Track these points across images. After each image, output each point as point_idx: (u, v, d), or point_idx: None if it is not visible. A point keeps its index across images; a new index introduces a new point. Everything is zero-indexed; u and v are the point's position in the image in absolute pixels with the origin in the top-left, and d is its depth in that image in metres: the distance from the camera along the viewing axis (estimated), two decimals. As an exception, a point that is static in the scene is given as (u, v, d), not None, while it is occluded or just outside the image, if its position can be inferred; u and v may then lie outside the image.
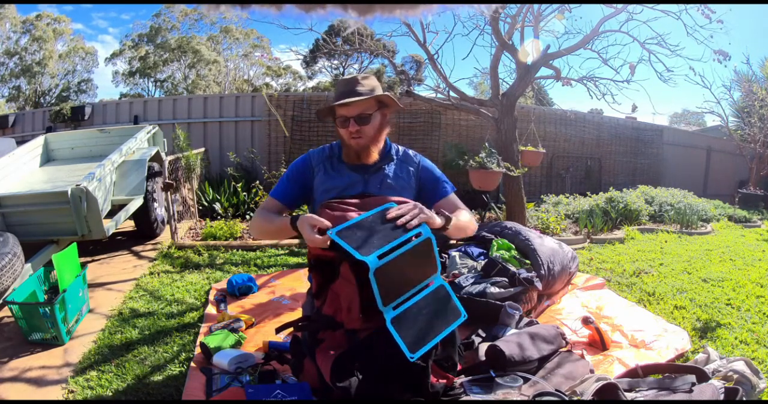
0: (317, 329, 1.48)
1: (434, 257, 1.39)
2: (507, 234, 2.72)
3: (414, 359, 1.26)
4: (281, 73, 24.58)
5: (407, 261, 1.34)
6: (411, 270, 1.36)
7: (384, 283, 1.29)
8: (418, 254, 1.36)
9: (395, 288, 1.32)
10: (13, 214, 2.77)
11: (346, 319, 1.42)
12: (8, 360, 1.88)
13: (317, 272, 1.53)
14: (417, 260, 1.37)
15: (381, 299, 1.28)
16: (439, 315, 1.36)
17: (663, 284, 2.91)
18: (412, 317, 1.32)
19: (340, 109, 1.58)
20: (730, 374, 1.51)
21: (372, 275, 1.27)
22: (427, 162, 1.79)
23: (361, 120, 1.57)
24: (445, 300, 1.39)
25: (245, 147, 6.37)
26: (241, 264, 3.23)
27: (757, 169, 8.82)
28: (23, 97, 20.59)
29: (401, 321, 1.30)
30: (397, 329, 1.28)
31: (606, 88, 4.10)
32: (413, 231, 1.36)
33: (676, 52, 3.78)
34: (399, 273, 1.33)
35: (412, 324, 1.31)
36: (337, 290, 1.44)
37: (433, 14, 1.18)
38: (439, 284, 1.40)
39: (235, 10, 0.60)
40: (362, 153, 1.61)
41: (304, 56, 20.71)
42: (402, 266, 1.33)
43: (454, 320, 1.37)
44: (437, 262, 1.39)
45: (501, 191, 5.40)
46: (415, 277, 1.36)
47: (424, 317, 1.34)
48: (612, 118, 8.22)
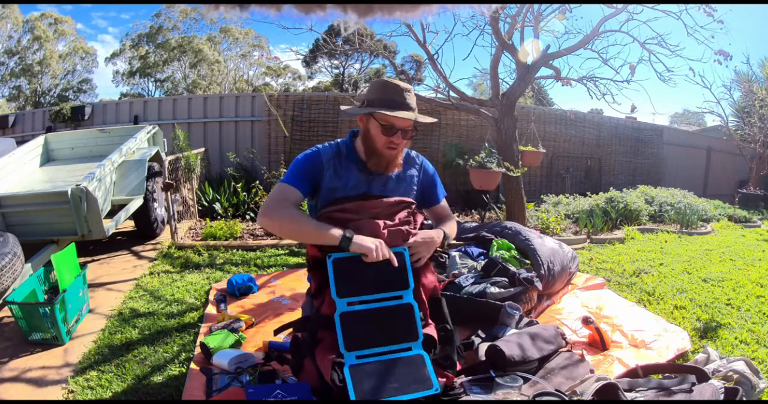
0: (316, 329, 1.48)
1: (416, 325, 1.42)
2: (507, 234, 2.73)
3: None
4: (281, 72, 24.57)
5: (383, 318, 1.41)
6: (386, 329, 1.41)
7: (350, 329, 1.37)
8: (396, 315, 1.42)
9: (363, 339, 1.38)
10: (13, 214, 2.77)
11: None
12: (8, 360, 1.88)
13: (316, 272, 1.56)
14: (395, 321, 1.42)
15: (343, 343, 1.36)
16: (407, 379, 1.35)
17: (663, 284, 2.91)
18: (375, 371, 1.35)
19: (391, 118, 1.52)
20: (730, 374, 1.51)
21: (336, 317, 1.37)
22: (428, 165, 1.80)
23: (406, 134, 1.56)
24: (419, 369, 1.38)
25: (245, 147, 6.37)
26: (241, 264, 3.23)
27: (757, 169, 8.82)
28: (23, 97, 20.59)
29: (360, 373, 1.33)
30: (354, 378, 1.31)
31: (606, 88, 4.10)
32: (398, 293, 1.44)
33: (676, 52, 3.78)
34: (370, 325, 1.39)
35: (371, 378, 1.33)
36: None
37: (433, 15, 1.18)
38: (418, 353, 1.41)
39: (235, 10, 0.60)
40: (391, 163, 1.60)
41: (304, 56, 20.71)
42: (375, 320, 1.40)
43: (423, 390, 1.33)
44: (419, 332, 1.42)
45: (501, 191, 5.40)
46: (390, 338, 1.40)
47: (388, 376, 1.35)
48: (612, 118, 8.22)
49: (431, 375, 1.37)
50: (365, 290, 1.43)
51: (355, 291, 1.42)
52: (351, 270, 1.43)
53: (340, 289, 1.41)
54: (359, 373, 1.33)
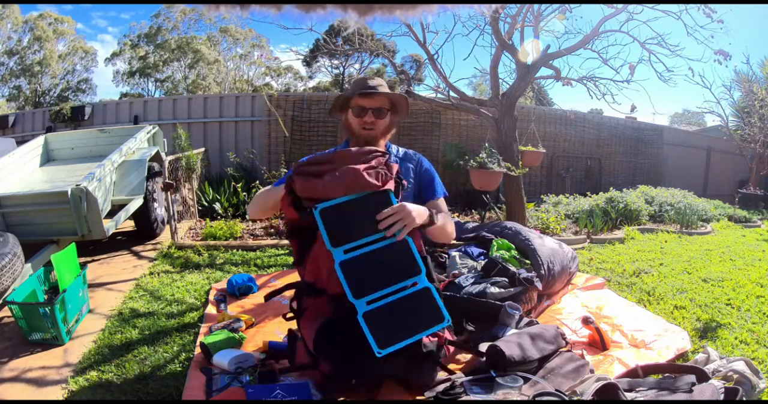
0: (301, 297, 1.51)
1: (414, 259, 1.40)
2: (507, 234, 2.72)
3: (381, 355, 1.28)
4: (281, 72, 24.58)
5: (382, 258, 1.38)
6: (387, 269, 1.39)
7: (353, 276, 1.34)
8: (394, 253, 1.40)
9: (368, 283, 1.35)
10: (13, 214, 2.77)
11: (327, 284, 1.44)
12: (8, 360, 1.88)
13: (295, 239, 1.56)
14: (394, 259, 1.40)
15: (350, 291, 1.33)
16: (419, 316, 1.36)
17: (663, 284, 2.91)
18: (387, 314, 1.34)
19: (359, 100, 1.67)
20: (730, 374, 1.51)
21: (337, 267, 1.33)
22: (426, 161, 1.84)
23: (378, 113, 1.68)
24: (428, 304, 1.38)
25: (245, 147, 6.37)
26: (241, 264, 3.23)
27: (757, 168, 8.82)
28: (23, 97, 20.59)
29: (374, 317, 1.32)
30: (369, 323, 1.31)
31: (606, 88, 4.10)
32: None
33: (676, 52, 3.78)
34: (372, 269, 1.37)
35: (385, 321, 1.33)
36: (316, 253, 1.47)
37: (433, 14, 1.19)
38: (424, 286, 1.40)
39: (235, 10, 0.60)
40: (370, 144, 1.68)
41: (304, 56, 20.71)
42: (375, 263, 1.37)
43: (435, 324, 1.36)
44: (419, 264, 1.40)
45: (501, 191, 5.40)
46: (394, 277, 1.38)
47: (401, 316, 1.35)
48: (612, 118, 8.23)
49: (442, 307, 1.38)
50: (359, 234, 1.38)
51: (349, 237, 1.37)
52: (340, 218, 1.38)
53: (334, 238, 1.36)
54: (372, 319, 1.32)
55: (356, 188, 1.39)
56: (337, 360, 1.38)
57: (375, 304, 1.34)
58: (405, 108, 1.76)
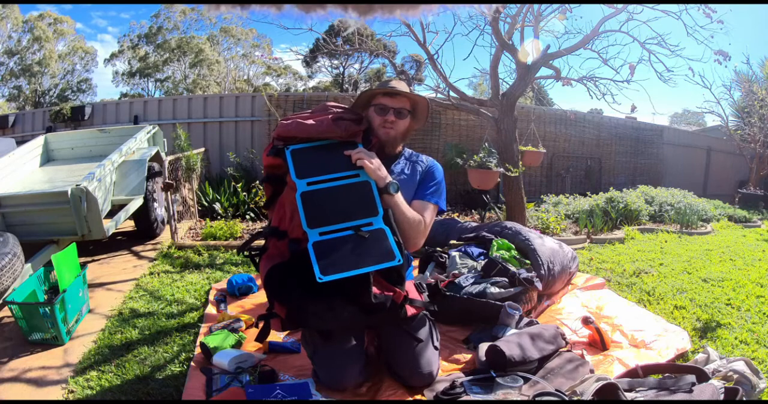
0: (265, 237, 1.57)
1: (373, 201, 1.47)
2: (507, 234, 2.72)
3: (322, 280, 1.33)
4: (282, 72, 24.58)
5: (341, 195, 1.46)
6: (344, 205, 1.46)
7: (311, 208, 1.42)
8: (353, 193, 1.47)
9: (324, 216, 1.43)
10: (13, 214, 2.77)
11: (289, 227, 1.51)
12: (8, 360, 1.88)
13: (269, 185, 1.66)
14: (352, 198, 1.47)
15: (306, 220, 1.41)
16: (369, 252, 1.40)
17: (663, 284, 2.91)
18: (336, 246, 1.39)
19: (383, 99, 1.70)
20: (730, 374, 1.51)
21: (298, 196, 1.43)
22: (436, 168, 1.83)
23: (399, 113, 1.70)
24: (380, 242, 1.42)
25: (245, 147, 6.37)
26: (241, 264, 3.23)
27: (757, 169, 8.82)
28: (23, 97, 20.60)
29: (323, 246, 1.39)
30: (317, 252, 1.37)
31: (606, 88, 4.09)
32: (353, 171, 1.49)
33: (676, 52, 3.77)
34: (330, 203, 1.45)
35: (333, 252, 1.38)
36: (283, 199, 1.55)
37: (433, 14, 1.19)
38: (379, 227, 1.44)
39: (236, 10, 0.60)
40: (387, 143, 1.71)
41: (304, 56, 20.71)
42: (334, 198, 1.46)
43: (385, 261, 1.39)
44: (377, 206, 1.46)
45: (501, 191, 5.40)
46: (349, 213, 1.45)
47: (350, 249, 1.39)
48: (612, 118, 8.22)
49: (393, 247, 1.41)
50: (324, 171, 1.48)
51: (314, 172, 1.48)
52: (308, 157, 1.50)
53: (300, 172, 1.47)
54: (322, 247, 1.38)
55: (321, 134, 1.51)
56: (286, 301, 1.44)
57: (326, 236, 1.40)
58: (425, 114, 1.79)
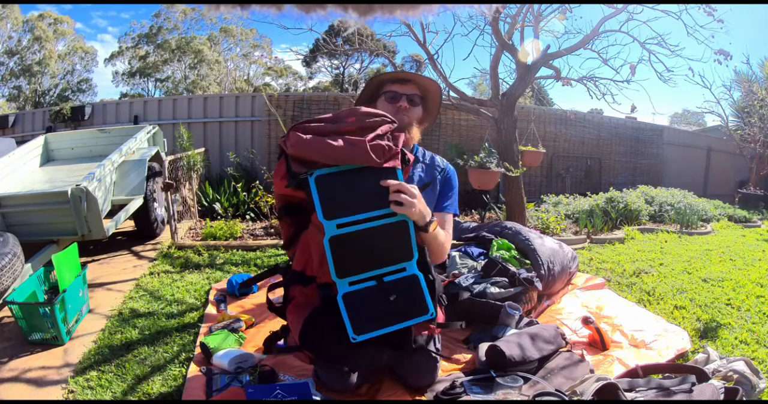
0: (288, 286, 1.40)
1: (410, 243, 1.30)
2: (507, 234, 2.72)
3: (356, 341, 1.23)
4: (282, 73, 24.57)
5: (375, 238, 1.27)
6: (378, 251, 1.28)
7: (341, 254, 1.23)
8: (389, 235, 1.28)
9: (355, 264, 1.26)
10: (13, 214, 2.77)
11: (318, 272, 1.33)
12: (8, 360, 1.88)
13: (287, 218, 1.42)
14: (387, 241, 1.29)
15: (334, 269, 1.23)
16: (401, 305, 1.28)
17: (663, 284, 2.91)
18: (368, 298, 1.26)
19: (393, 86, 1.62)
20: (730, 374, 1.51)
21: (326, 241, 1.22)
22: (453, 175, 1.76)
23: (411, 100, 1.61)
24: (414, 293, 1.30)
25: (245, 147, 6.37)
26: (241, 264, 3.23)
27: (757, 168, 8.82)
28: (23, 97, 20.59)
29: (353, 300, 1.25)
30: (348, 305, 1.24)
31: (606, 88, 4.10)
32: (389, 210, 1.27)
33: (676, 52, 3.78)
34: (362, 248, 1.26)
35: (364, 306, 1.25)
36: (308, 239, 1.34)
37: (433, 14, 1.19)
38: (412, 274, 1.30)
39: (236, 10, 0.60)
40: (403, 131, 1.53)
41: (304, 56, 20.71)
42: (367, 243, 1.26)
43: (417, 316, 1.29)
44: (413, 250, 1.30)
45: (501, 191, 5.40)
46: (383, 260, 1.28)
47: (382, 303, 1.26)
48: (612, 118, 8.23)
49: (427, 298, 1.29)
50: (358, 208, 1.25)
51: (346, 211, 1.24)
52: (337, 187, 1.25)
53: (328, 211, 1.23)
54: (352, 301, 1.24)
55: (355, 161, 1.25)
56: (323, 350, 1.32)
57: (357, 286, 1.26)
58: (437, 102, 1.68)
